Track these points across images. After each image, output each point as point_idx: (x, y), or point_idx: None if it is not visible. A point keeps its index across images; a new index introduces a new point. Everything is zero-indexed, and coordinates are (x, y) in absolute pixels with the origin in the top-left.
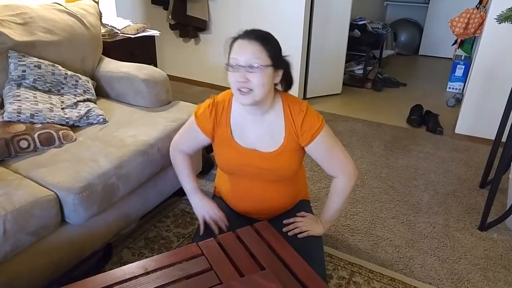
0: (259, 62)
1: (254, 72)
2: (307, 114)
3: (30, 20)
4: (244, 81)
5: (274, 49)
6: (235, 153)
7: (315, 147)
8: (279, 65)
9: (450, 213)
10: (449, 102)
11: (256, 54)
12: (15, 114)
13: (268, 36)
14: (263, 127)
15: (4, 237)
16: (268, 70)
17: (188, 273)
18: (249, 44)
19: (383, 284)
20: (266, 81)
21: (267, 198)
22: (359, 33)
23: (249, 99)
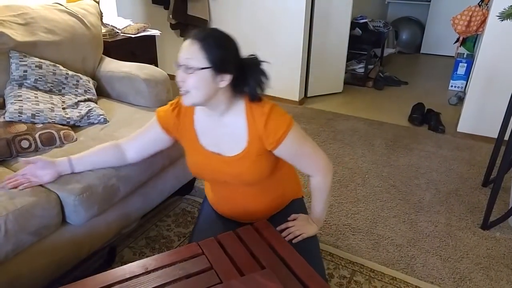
0: (194, 63)
1: (189, 73)
2: (270, 117)
3: (31, 21)
4: (181, 81)
5: (218, 52)
6: (199, 156)
7: (283, 151)
8: (224, 70)
9: (452, 212)
10: (451, 100)
11: (193, 54)
12: (17, 114)
13: (216, 38)
14: (222, 129)
15: (5, 237)
16: (205, 73)
17: (189, 272)
18: (189, 44)
19: (384, 283)
20: (203, 84)
21: (248, 203)
22: (360, 32)
23: (187, 100)
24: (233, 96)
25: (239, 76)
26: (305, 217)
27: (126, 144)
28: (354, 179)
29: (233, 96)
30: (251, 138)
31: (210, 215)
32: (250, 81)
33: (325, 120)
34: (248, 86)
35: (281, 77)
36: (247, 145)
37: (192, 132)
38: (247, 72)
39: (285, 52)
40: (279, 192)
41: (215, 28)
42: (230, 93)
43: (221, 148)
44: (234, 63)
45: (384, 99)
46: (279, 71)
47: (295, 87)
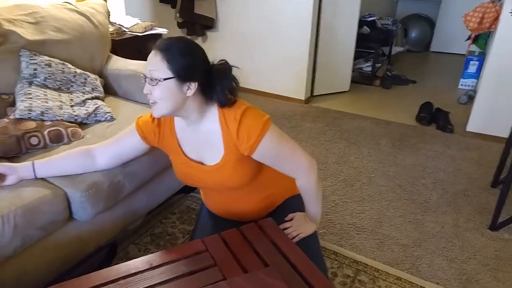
0: (157, 74)
1: (154, 84)
2: (242, 122)
3: (41, 19)
4: (148, 93)
5: (181, 61)
6: (183, 165)
7: (260, 155)
8: (189, 78)
9: (460, 213)
10: (460, 99)
11: (156, 66)
12: (26, 111)
13: (179, 47)
14: (201, 137)
15: (14, 232)
16: (169, 83)
17: (192, 268)
18: (152, 56)
19: (388, 283)
20: (169, 95)
21: (238, 205)
22: (368, 30)
23: (156, 112)
24: (205, 103)
25: (207, 83)
26: (301, 215)
27: (98, 150)
28: (360, 178)
29: (204, 103)
30: (226, 145)
31: (211, 213)
32: (217, 87)
33: (331, 119)
34: (215, 92)
35: (287, 76)
36: (224, 153)
37: (174, 141)
38: (214, 79)
39: (291, 50)
40: (268, 192)
41: (181, 37)
42: (201, 100)
43: (202, 157)
44: (199, 71)
45: (391, 98)
46: (285, 69)
47: (301, 85)
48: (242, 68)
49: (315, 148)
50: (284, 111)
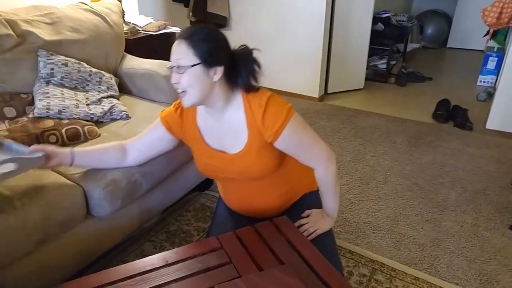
0: (184, 62)
1: (182, 72)
2: (267, 109)
3: (57, 20)
4: (176, 82)
5: (205, 46)
6: (205, 154)
7: (282, 143)
8: (214, 62)
9: (480, 212)
10: (479, 96)
11: (181, 54)
12: (45, 110)
13: (201, 33)
14: (224, 126)
15: (34, 227)
16: (196, 69)
17: (208, 265)
18: (177, 45)
19: (406, 283)
20: (197, 81)
21: (257, 199)
22: (382, 27)
23: (186, 101)
24: (230, 90)
25: (231, 68)
26: (318, 211)
27: (130, 145)
28: (375, 176)
29: (229, 90)
30: (250, 131)
31: (227, 210)
32: (242, 71)
33: (346, 117)
34: (241, 76)
35: (301, 73)
36: (247, 139)
37: (196, 131)
38: (239, 63)
39: (305, 48)
40: (288, 186)
41: (201, 25)
42: (226, 86)
43: (224, 146)
44: (224, 55)
45: (407, 96)
46: (299, 67)
47: (315, 83)
48: None
49: (330, 146)
50: (298, 109)
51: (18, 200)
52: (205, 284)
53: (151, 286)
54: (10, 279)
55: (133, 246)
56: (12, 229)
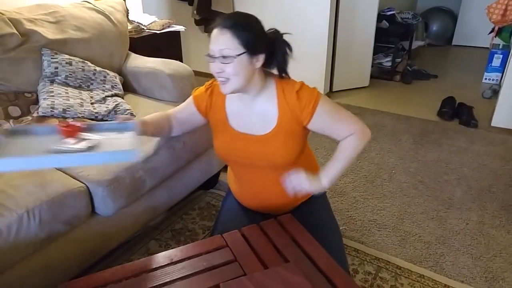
0: (230, 52)
1: (227, 62)
2: (301, 90)
3: (61, 19)
4: (220, 71)
5: (248, 35)
6: (228, 137)
7: (319, 118)
8: (257, 50)
9: (485, 210)
10: (485, 93)
11: (227, 43)
12: (49, 109)
13: (243, 22)
14: (255, 112)
15: (40, 225)
16: (242, 58)
17: (213, 264)
18: (220, 34)
19: (411, 281)
20: (241, 69)
21: (271, 191)
22: (387, 24)
23: (228, 88)
24: (265, 76)
25: (270, 54)
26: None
27: (173, 116)
28: (381, 174)
29: (265, 76)
30: (281, 116)
31: (233, 208)
32: (278, 55)
33: None
34: (277, 60)
35: (306, 71)
36: (277, 123)
37: (222, 113)
38: (275, 47)
39: (310, 46)
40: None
41: (236, 12)
42: (263, 73)
43: (250, 129)
44: (264, 42)
45: (412, 93)
46: (304, 65)
47: (320, 81)
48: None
49: (334, 144)
50: None
51: (23, 199)
52: (210, 282)
53: (156, 284)
54: (16, 278)
55: (138, 245)
56: (18, 228)
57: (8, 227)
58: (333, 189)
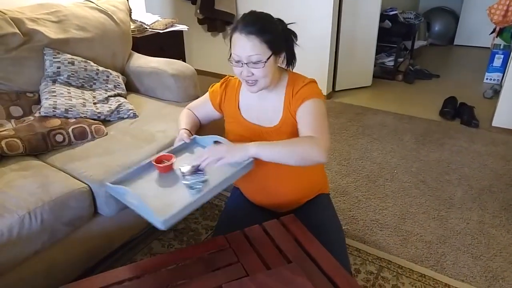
0: (260, 57)
1: (258, 67)
2: (308, 85)
3: (64, 18)
4: (249, 75)
5: (272, 37)
6: (241, 128)
7: (303, 110)
8: (281, 49)
9: (485, 209)
10: (486, 93)
11: (256, 50)
12: (51, 109)
13: (265, 24)
14: (267, 104)
15: (41, 226)
16: (271, 61)
17: (215, 265)
18: (247, 40)
19: (412, 280)
20: (270, 70)
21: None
22: (389, 24)
23: (256, 88)
24: (280, 71)
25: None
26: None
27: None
28: (382, 174)
29: (280, 72)
30: (286, 107)
31: (238, 204)
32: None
33: (354, 115)
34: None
35: (309, 71)
36: (282, 115)
37: (235, 105)
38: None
39: (313, 45)
40: (309, 182)
41: (254, 13)
42: (279, 69)
43: (261, 120)
44: (283, 39)
45: (414, 93)
46: (306, 64)
47: (323, 81)
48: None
49: (337, 143)
50: None
51: (24, 200)
52: (213, 283)
53: (159, 286)
54: (18, 279)
55: (141, 245)
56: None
57: (9, 229)
58: (335, 188)
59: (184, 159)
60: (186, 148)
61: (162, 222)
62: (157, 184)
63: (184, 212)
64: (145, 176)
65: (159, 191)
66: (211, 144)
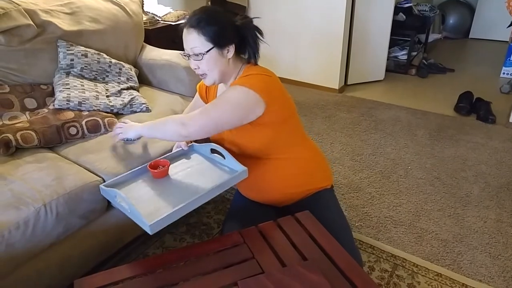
0: (199, 49)
1: (199, 59)
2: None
3: (77, 10)
4: (196, 68)
5: (214, 30)
6: None
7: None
8: (225, 42)
9: (503, 207)
10: (503, 88)
11: (195, 42)
12: (65, 101)
13: (206, 17)
14: None
15: (56, 219)
16: (212, 53)
17: (230, 261)
18: (188, 34)
19: (428, 279)
20: (214, 63)
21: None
22: (404, 17)
23: (207, 81)
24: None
25: (240, 42)
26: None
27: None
28: (396, 170)
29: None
30: None
31: (239, 201)
32: (249, 40)
33: (366, 109)
34: (249, 45)
35: (321, 64)
36: None
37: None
38: (245, 33)
39: (325, 38)
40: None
41: (203, 7)
42: (237, 61)
43: None
44: (231, 32)
45: (428, 88)
46: (318, 58)
47: (335, 74)
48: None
49: (350, 139)
50: (317, 101)
51: (40, 193)
52: (228, 279)
53: (173, 281)
54: (34, 271)
55: (153, 239)
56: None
57: (25, 221)
58: (348, 184)
59: (181, 165)
60: (183, 154)
61: (149, 226)
62: (151, 188)
63: (172, 217)
64: (139, 180)
65: (152, 195)
66: (208, 151)
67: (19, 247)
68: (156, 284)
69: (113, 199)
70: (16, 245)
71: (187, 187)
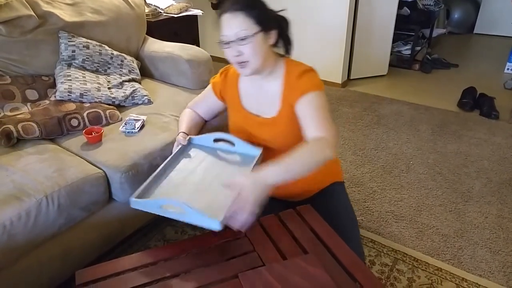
0: (246, 32)
1: (245, 44)
2: (307, 72)
3: (79, 1)
4: (238, 55)
5: (259, 13)
6: (241, 118)
7: (305, 103)
8: (270, 27)
9: (505, 203)
10: (507, 84)
11: (242, 25)
12: (66, 93)
13: (251, 2)
14: (263, 93)
15: (58, 210)
16: (258, 37)
17: (231, 254)
18: (233, 18)
19: (428, 274)
20: (259, 48)
21: None
22: (408, 11)
23: (248, 70)
24: (275, 57)
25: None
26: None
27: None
28: (398, 165)
29: (275, 57)
30: (284, 98)
31: None
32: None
33: (369, 104)
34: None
35: (324, 59)
36: (281, 105)
37: (235, 93)
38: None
39: (328, 32)
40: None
41: None
42: (273, 53)
43: (260, 110)
44: (272, 18)
45: (431, 83)
46: (321, 52)
47: (338, 68)
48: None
49: (352, 133)
50: None
51: (41, 184)
52: (228, 272)
53: (174, 273)
54: (35, 262)
55: (154, 231)
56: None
57: (27, 212)
58: (350, 178)
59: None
60: (182, 153)
61: (219, 223)
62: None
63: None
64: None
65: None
66: (211, 142)
67: (21, 237)
68: (158, 276)
69: (156, 209)
70: (18, 236)
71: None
